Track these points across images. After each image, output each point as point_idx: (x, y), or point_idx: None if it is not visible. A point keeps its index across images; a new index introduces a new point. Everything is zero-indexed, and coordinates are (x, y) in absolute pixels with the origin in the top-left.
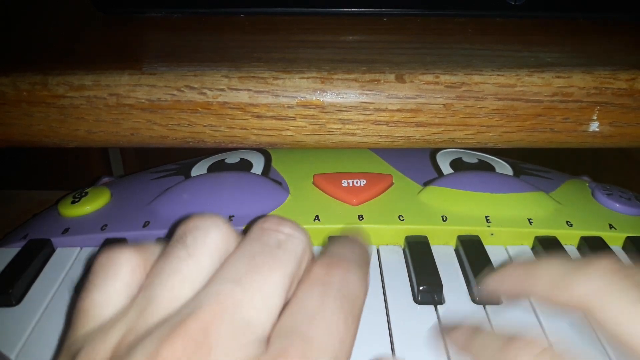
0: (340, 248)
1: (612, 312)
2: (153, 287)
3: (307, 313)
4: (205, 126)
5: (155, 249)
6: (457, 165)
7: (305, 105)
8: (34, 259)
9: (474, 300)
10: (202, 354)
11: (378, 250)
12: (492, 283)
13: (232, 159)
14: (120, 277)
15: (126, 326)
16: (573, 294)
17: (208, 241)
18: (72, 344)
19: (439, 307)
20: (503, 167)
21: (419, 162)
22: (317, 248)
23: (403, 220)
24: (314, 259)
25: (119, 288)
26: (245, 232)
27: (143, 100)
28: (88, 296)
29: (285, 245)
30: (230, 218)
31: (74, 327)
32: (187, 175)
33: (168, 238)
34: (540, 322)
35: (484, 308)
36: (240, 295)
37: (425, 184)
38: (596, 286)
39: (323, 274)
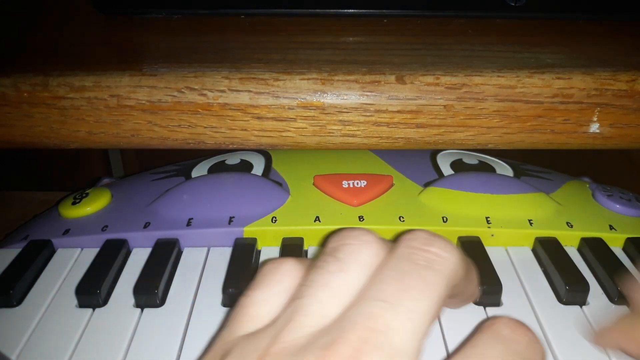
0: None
1: None
2: (303, 297)
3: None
4: (205, 127)
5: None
6: (458, 166)
7: (306, 107)
8: (34, 259)
9: (473, 301)
10: None
11: None
12: (598, 340)
13: (232, 160)
14: (282, 282)
15: (273, 334)
16: None
17: (360, 257)
18: (225, 342)
19: None
20: (503, 168)
21: (419, 163)
22: (319, 249)
23: (403, 221)
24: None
25: (278, 292)
26: (244, 232)
27: (144, 102)
28: (251, 294)
29: (434, 266)
30: (231, 219)
31: (230, 322)
32: (188, 177)
33: (167, 238)
34: (539, 321)
35: (484, 309)
36: (390, 318)
37: (426, 185)
38: None
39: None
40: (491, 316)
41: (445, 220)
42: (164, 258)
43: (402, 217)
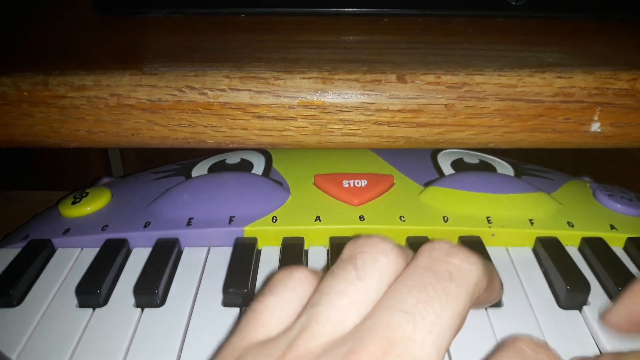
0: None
1: None
2: (319, 304)
3: None
4: (206, 126)
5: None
6: (458, 165)
7: (306, 106)
8: (34, 259)
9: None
10: None
11: None
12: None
13: (232, 159)
14: (295, 289)
15: (288, 342)
16: None
17: (377, 265)
18: (235, 348)
19: None
20: (504, 168)
21: (420, 162)
22: (319, 248)
23: (404, 220)
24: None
25: (292, 299)
26: (244, 232)
27: (144, 101)
28: (263, 300)
29: (457, 279)
30: (231, 219)
31: (242, 328)
32: (188, 176)
33: (167, 238)
34: (538, 322)
35: (485, 310)
36: (411, 329)
37: (427, 184)
38: None
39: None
40: (512, 335)
41: (445, 219)
42: (164, 258)
43: (403, 217)
